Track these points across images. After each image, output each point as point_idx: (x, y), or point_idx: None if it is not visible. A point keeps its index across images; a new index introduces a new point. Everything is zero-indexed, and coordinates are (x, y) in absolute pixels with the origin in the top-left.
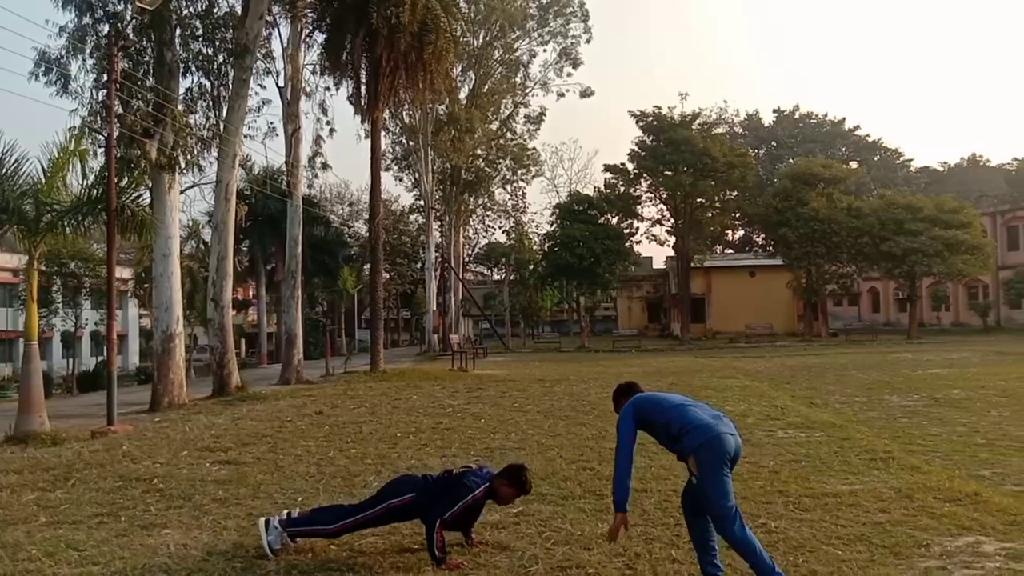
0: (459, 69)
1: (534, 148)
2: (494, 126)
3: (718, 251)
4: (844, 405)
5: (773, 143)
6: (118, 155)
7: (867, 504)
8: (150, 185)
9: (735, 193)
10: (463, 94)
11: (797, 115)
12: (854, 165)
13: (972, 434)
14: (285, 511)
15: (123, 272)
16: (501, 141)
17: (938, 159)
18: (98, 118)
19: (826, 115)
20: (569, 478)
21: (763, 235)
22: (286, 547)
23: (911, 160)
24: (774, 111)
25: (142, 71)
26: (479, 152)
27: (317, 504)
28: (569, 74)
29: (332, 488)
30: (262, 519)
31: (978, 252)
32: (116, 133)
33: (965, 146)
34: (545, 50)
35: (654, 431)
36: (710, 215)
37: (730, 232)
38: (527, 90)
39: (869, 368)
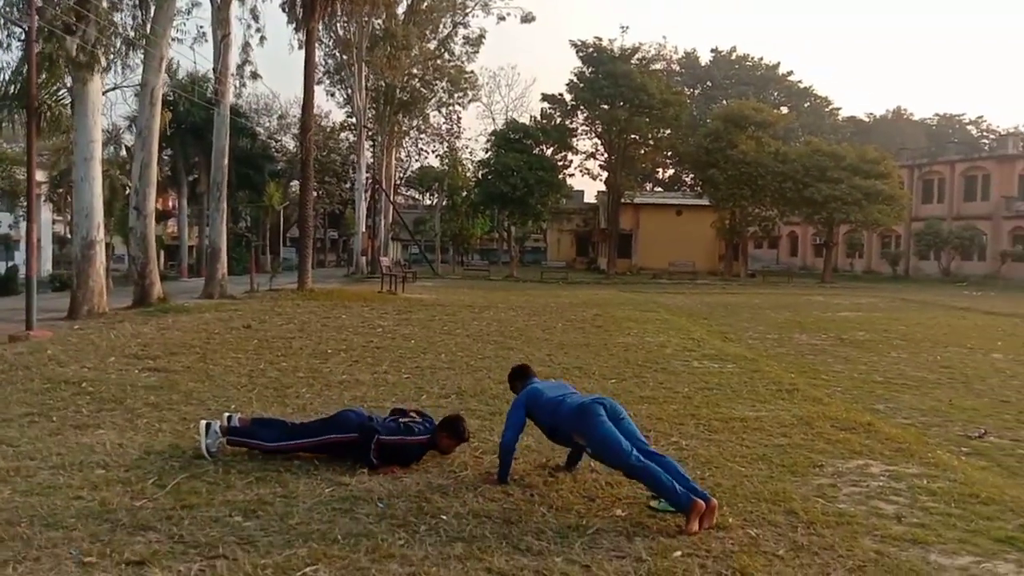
0: None
1: (472, 71)
2: (432, 45)
3: (648, 188)
4: (756, 341)
5: (708, 83)
6: (37, 50)
7: (770, 429)
8: (70, 85)
9: (668, 131)
10: (400, 9)
11: (734, 56)
12: (785, 110)
13: (871, 372)
14: (226, 414)
15: (37, 175)
16: (438, 61)
17: (865, 110)
18: (15, 9)
19: (762, 59)
20: (497, 396)
21: (692, 175)
22: (222, 450)
23: (839, 109)
24: (712, 51)
25: None
26: (415, 71)
27: (253, 412)
28: None
29: (265, 398)
30: (203, 421)
31: (894, 203)
32: (36, 26)
33: (891, 99)
34: None
35: (538, 424)
36: (643, 152)
37: (661, 170)
38: (467, 10)
39: (782, 308)
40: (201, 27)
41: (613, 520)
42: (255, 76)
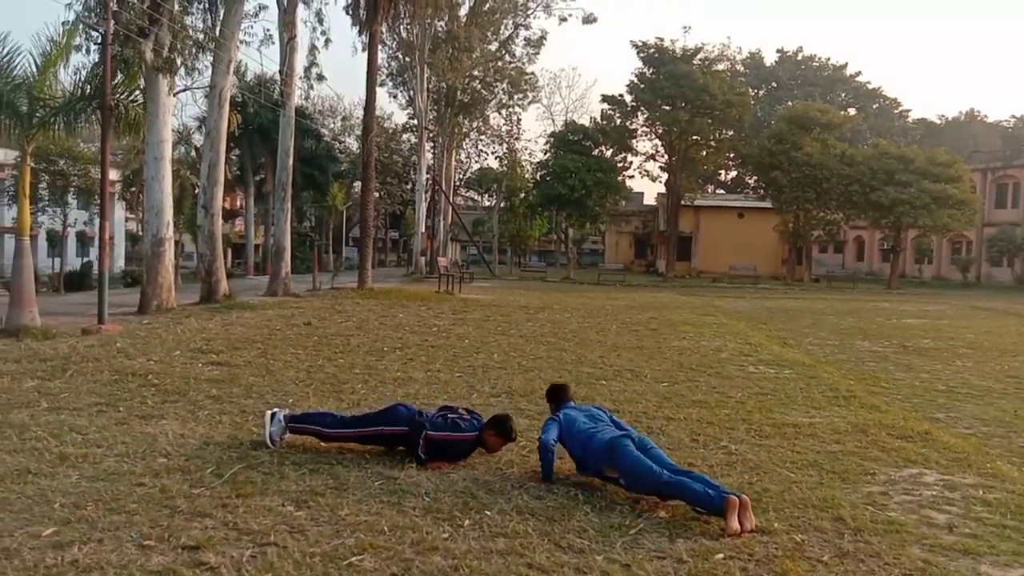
0: None
1: (532, 73)
2: (493, 47)
3: (709, 190)
4: (816, 347)
5: (773, 84)
6: (113, 53)
7: (824, 435)
8: (143, 87)
9: (731, 132)
10: (463, 11)
11: (800, 57)
12: (852, 112)
13: (934, 381)
14: (287, 409)
15: (111, 174)
16: (499, 63)
17: (936, 112)
18: (93, 14)
19: (828, 59)
20: None
21: (755, 177)
22: (283, 440)
23: (909, 111)
24: (777, 51)
25: None
26: (476, 73)
27: (309, 407)
28: None
29: (321, 393)
30: (268, 411)
31: (965, 207)
32: (112, 30)
33: (964, 100)
34: None
35: (569, 453)
36: (704, 153)
37: (723, 172)
38: (529, 11)
39: (846, 314)
40: (268, 30)
41: (656, 521)
42: (320, 78)
